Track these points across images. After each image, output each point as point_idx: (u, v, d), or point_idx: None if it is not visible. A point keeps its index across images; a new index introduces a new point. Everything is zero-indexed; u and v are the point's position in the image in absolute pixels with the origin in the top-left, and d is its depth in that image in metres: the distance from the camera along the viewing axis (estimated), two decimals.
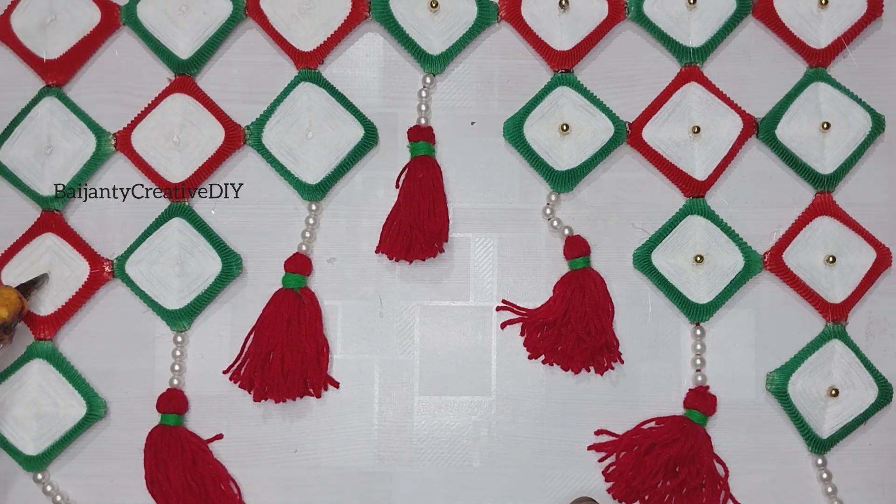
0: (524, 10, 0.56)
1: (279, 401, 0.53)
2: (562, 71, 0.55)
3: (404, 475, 0.54)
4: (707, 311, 0.54)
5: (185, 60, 0.55)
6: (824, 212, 0.54)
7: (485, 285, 0.55)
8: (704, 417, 0.53)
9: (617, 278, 0.54)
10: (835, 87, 0.55)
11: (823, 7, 0.55)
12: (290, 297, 0.53)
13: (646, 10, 0.55)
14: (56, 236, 0.54)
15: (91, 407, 0.53)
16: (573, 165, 0.54)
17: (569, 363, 0.53)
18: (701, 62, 0.56)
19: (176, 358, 0.54)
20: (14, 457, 0.53)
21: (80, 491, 0.53)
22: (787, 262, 0.54)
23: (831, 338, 0.53)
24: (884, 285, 0.55)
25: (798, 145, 0.55)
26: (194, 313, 0.54)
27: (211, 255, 0.54)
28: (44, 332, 0.54)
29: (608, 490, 0.53)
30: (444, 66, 0.56)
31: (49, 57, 0.55)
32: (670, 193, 0.55)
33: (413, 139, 0.55)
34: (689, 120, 0.55)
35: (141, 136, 0.55)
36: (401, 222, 0.54)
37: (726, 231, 0.54)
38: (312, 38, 0.56)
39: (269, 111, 0.55)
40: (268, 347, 0.53)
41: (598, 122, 0.55)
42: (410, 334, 0.54)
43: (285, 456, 0.54)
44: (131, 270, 0.54)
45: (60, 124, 0.55)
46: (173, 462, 0.52)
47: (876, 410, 0.53)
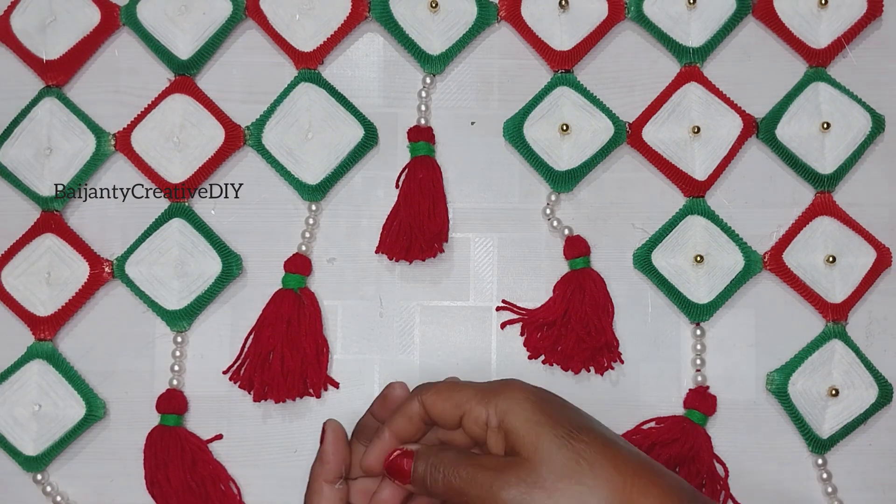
0: (524, 10, 0.56)
1: (279, 401, 0.53)
2: (562, 71, 0.55)
3: None
4: (707, 311, 0.54)
5: (185, 61, 0.55)
6: (824, 212, 0.54)
7: (485, 285, 0.55)
8: (705, 417, 0.53)
9: (617, 278, 0.54)
10: (835, 87, 0.55)
11: (823, 7, 0.55)
12: (290, 297, 0.53)
13: (646, 10, 0.55)
14: (56, 237, 0.54)
15: (91, 407, 0.53)
16: (573, 165, 0.54)
17: (569, 363, 0.53)
18: (701, 62, 0.56)
19: (176, 358, 0.54)
20: (14, 457, 0.53)
21: (80, 491, 0.53)
22: (787, 262, 0.54)
23: (831, 338, 0.53)
24: (884, 285, 0.55)
25: (798, 145, 0.55)
26: (194, 313, 0.54)
27: (211, 256, 0.54)
28: (44, 333, 0.54)
29: None
30: (444, 67, 0.56)
31: (49, 57, 0.55)
32: (670, 193, 0.55)
33: (413, 139, 0.55)
34: (689, 120, 0.55)
35: (141, 136, 0.55)
36: (401, 222, 0.54)
37: (726, 231, 0.54)
38: (312, 39, 0.56)
39: (269, 111, 0.55)
40: (268, 347, 0.53)
41: (598, 122, 0.55)
42: (410, 334, 0.54)
43: (285, 456, 0.54)
44: (131, 271, 0.54)
45: (60, 125, 0.55)
46: (173, 462, 0.52)
47: (876, 410, 0.53)
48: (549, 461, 0.39)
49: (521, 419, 0.41)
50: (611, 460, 0.40)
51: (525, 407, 0.41)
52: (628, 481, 0.39)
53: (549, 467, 0.39)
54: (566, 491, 0.39)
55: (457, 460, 0.41)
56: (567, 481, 0.39)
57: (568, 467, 0.39)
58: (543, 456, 0.40)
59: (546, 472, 0.39)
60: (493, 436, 0.42)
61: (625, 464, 0.40)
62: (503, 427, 0.41)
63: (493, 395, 0.42)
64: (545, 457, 0.40)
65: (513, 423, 0.41)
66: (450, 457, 0.42)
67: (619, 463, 0.40)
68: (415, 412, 0.44)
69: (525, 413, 0.41)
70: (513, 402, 0.41)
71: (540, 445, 0.40)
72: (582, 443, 0.40)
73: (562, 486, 0.39)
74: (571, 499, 0.39)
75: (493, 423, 0.42)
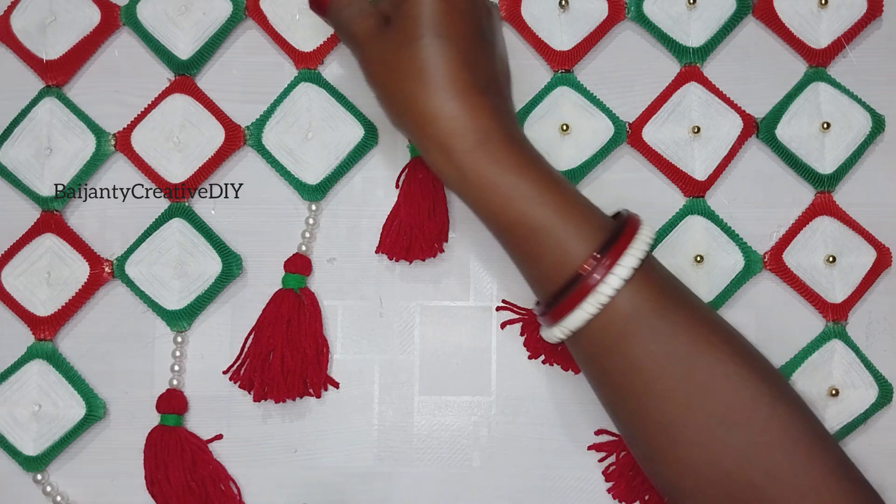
0: (524, 10, 0.56)
1: (279, 401, 0.53)
2: (562, 71, 0.55)
3: (404, 475, 0.54)
4: None
5: (185, 61, 0.55)
6: (824, 212, 0.54)
7: (485, 285, 0.55)
8: None
9: None
10: (835, 87, 0.55)
11: (823, 7, 0.55)
12: (290, 297, 0.53)
13: (646, 10, 0.55)
14: (56, 237, 0.54)
15: (91, 407, 0.53)
16: (573, 165, 0.54)
17: (569, 363, 0.53)
18: (701, 62, 0.56)
19: (176, 358, 0.54)
20: (14, 457, 0.53)
21: (80, 491, 0.53)
22: (788, 262, 0.54)
23: (831, 338, 0.53)
24: (884, 285, 0.55)
25: (798, 145, 0.55)
26: (194, 313, 0.54)
27: (211, 256, 0.54)
28: (44, 333, 0.54)
29: (608, 490, 0.53)
30: None
31: (49, 57, 0.55)
32: (670, 193, 0.55)
33: None
34: (689, 120, 0.55)
35: (141, 136, 0.55)
36: (401, 222, 0.54)
37: (726, 231, 0.54)
38: (312, 38, 0.56)
39: (269, 111, 0.55)
40: (268, 348, 0.53)
41: (598, 122, 0.55)
42: (410, 334, 0.54)
43: (285, 456, 0.54)
44: (131, 271, 0.54)
45: (60, 125, 0.55)
46: (173, 462, 0.52)
47: (876, 410, 0.53)
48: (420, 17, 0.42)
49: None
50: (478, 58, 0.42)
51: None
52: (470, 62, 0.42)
53: (418, 22, 0.42)
54: (419, 41, 0.41)
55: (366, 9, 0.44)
56: (429, 36, 0.41)
57: (435, 24, 0.42)
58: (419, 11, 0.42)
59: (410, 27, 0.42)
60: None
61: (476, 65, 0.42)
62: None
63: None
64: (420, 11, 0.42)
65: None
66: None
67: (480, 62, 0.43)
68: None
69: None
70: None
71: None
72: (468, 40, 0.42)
73: (419, 36, 0.41)
74: (421, 49, 0.41)
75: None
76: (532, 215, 0.41)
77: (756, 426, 0.40)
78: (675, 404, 0.41)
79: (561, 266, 0.41)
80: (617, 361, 0.42)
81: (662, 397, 0.41)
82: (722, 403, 0.40)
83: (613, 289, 0.41)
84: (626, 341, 0.41)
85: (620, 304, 0.41)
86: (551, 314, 0.43)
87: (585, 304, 0.41)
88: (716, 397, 0.41)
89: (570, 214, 0.42)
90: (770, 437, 0.40)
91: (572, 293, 0.41)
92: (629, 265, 0.41)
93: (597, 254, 0.41)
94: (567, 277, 0.41)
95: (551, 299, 0.42)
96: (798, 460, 0.40)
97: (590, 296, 0.41)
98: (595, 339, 0.42)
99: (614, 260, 0.41)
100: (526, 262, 0.43)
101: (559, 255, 0.41)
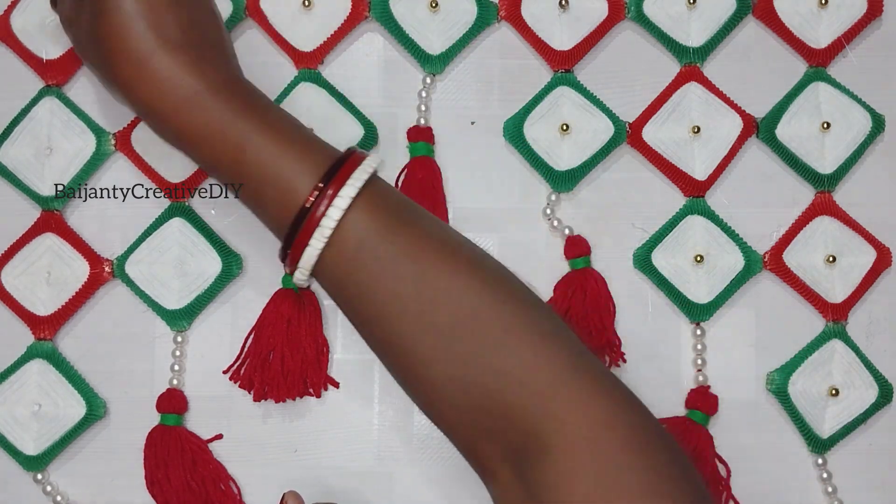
0: (524, 10, 0.56)
1: (279, 401, 0.53)
2: (562, 71, 0.55)
3: (404, 475, 0.54)
4: (707, 311, 0.54)
5: None
6: (824, 212, 0.54)
7: None
8: (706, 417, 0.53)
9: (617, 278, 0.54)
10: (835, 86, 0.55)
11: (823, 7, 0.55)
12: (290, 297, 0.53)
13: (646, 10, 0.55)
14: (56, 236, 0.54)
15: (91, 407, 0.53)
16: (573, 165, 0.54)
17: None
18: (701, 62, 0.56)
19: (176, 358, 0.54)
20: (14, 456, 0.53)
21: (80, 491, 0.53)
22: (788, 261, 0.54)
23: (831, 338, 0.53)
24: (884, 285, 0.55)
25: (798, 145, 0.55)
26: (194, 313, 0.54)
27: (211, 255, 0.54)
28: (44, 332, 0.54)
29: None
30: (444, 66, 0.56)
31: (49, 57, 0.55)
32: (670, 193, 0.55)
33: (413, 139, 0.55)
34: (690, 120, 0.55)
35: (141, 135, 0.55)
36: None
37: (726, 231, 0.54)
38: (312, 38, 0.56)
39: None
40: (268, 347, 0.53)
41: (598, 122, 0.55)
42: None
43: (285, 456, 0.54)
44: (131, 270, 0.54)
45: (60, 124, 0.55)
46: (173, 462, 0.52)
47: (876, 410, 0.53)
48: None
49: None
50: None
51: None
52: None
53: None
54: (104, 14, 0.43)
55: None
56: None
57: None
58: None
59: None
60: None
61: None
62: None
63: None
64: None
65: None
66: None
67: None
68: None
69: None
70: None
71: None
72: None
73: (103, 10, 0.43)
74: (106, 22, 0.43)
75: None
76: (253, 154, 0.42)
77: (479, 332, 0.41)
78: (408, 325, 0.41)
79: (289, 203, 0.42)
80: (353, 290, 0.42)
81: (398, 320, 0.42)
82: (447, 315, 0.41)
83: (334, 220, 0.41)
84: (357, 270, 0.42)
85: (347, 234, 0.41)
86: (290, 258, 0.43)
87: (313, 239, 0.41)
88: (441, 310, 0.41)
89: (291, 149, 0.42)
90: (494, 340, 0.41)
91: (301, 231, 0.42)
92: (349, 195, 0.41)
93: (320, 184, 0.41)
94: (295, 214, 0.42)
95: (286, 243, 0.43)
96: (527, 359, 0.41)
97: (316, 230, 0.41)
98: (330, 273, 0.42)
99: (336, 190, 0.41)
100: (258, 207, 0.44)
101: (285, 192, 0.42)
